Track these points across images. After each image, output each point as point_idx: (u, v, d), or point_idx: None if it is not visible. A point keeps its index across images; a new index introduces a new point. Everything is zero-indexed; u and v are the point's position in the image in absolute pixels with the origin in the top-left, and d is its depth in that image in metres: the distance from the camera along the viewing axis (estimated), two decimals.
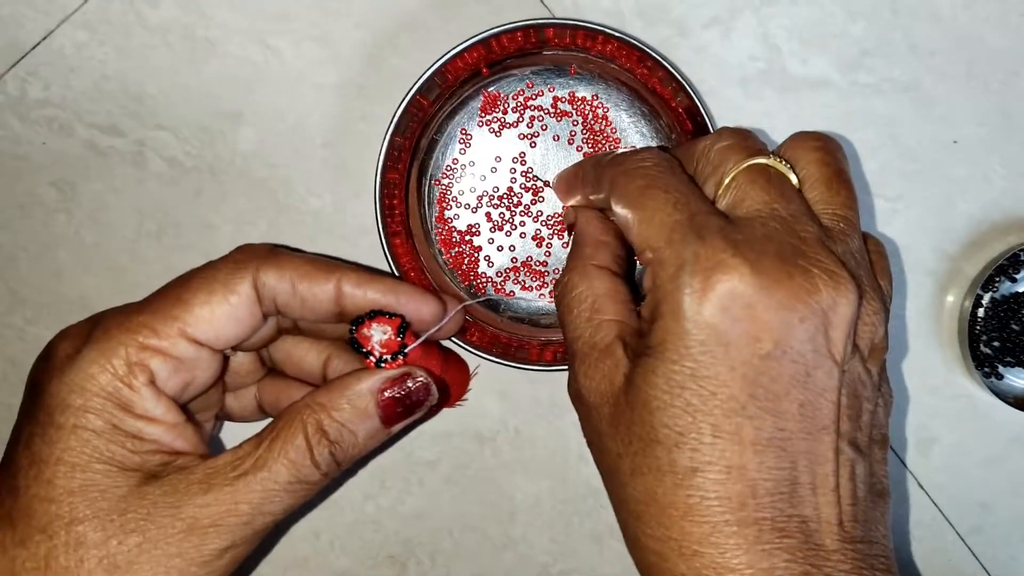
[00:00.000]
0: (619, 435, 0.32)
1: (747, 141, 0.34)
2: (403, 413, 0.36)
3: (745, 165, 0.33)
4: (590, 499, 0.48)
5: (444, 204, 0.45)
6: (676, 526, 0.30)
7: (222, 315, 0.34)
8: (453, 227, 0.45)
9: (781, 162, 0.33)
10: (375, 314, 0.36)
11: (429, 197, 0.45)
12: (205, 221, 0.46)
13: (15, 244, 0.47)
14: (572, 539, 0.48)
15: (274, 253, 0.36)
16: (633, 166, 0.34)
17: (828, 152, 0.34)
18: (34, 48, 0.45)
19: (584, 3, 0.46)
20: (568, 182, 0.41)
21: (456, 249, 0.45)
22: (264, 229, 0.47)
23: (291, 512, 0.34)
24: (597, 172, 0.37)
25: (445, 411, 0.47)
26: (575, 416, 0.48)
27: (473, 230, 0.45)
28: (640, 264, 0.33)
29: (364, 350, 0.36)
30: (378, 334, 0.36)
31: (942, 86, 0.46)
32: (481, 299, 0.45)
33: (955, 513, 0.49)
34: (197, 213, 0.46)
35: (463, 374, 0.45)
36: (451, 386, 0.44)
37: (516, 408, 0.48)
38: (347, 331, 0.36)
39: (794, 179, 0.33)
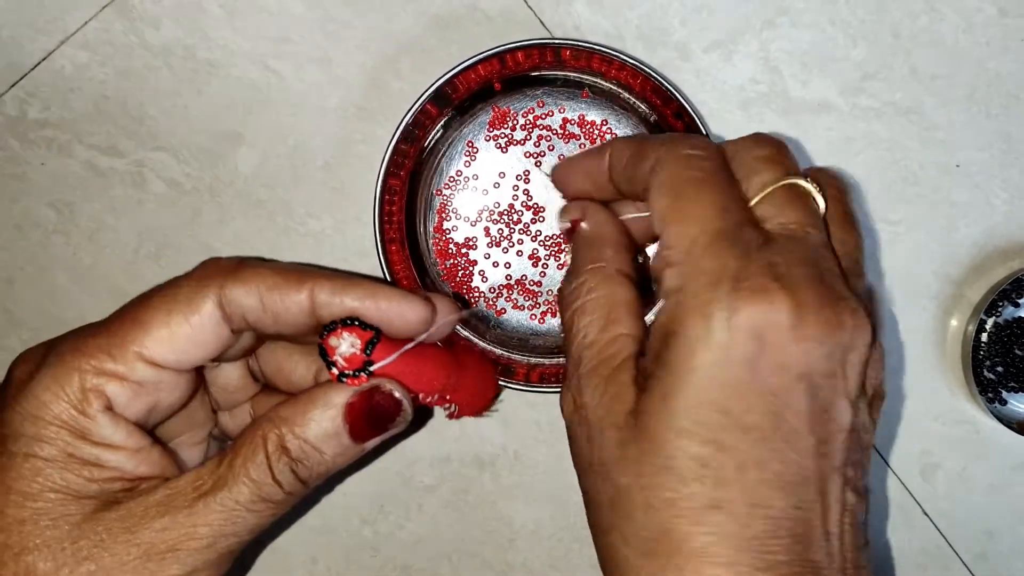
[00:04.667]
0: (628, 463, 0.29)
1: (785, 156, 0.33)
2: (373, 429, 0.33)
3: (786, 182, 0.32)
4: None
5: (444, 215, 0.45)
6: (690, 565, 0.28)
7: (183, 336, 0.32)
8: (450, 239, 0.45)
9: (816, 188, 0.32)
10: (350, 321, 0.33)
11: (429, 206, 0.45)
12: (204, 243, 0.46)
13: (12, 265, 0.46)
14: (572, 566, 0.48)
15: (240, 266, 0.33)
16: (687, 152, 0.32)
17: (844, 192, 0.34)
18: (34, 68, 0.45)
19: (585, 26, 0.46)
20: (579, 166, 0.37)
21: (451, 261, 0.45)
22: (263, 251, 0.46)
23: (261, 531, 0.33)
24: (639, 150, 0.33)
25: (442, 436, 0.47)
26: None
27: (470, 243, 0.45)
28: (658, 262, 0.31)
29: (329, 360, 0.32)
30: (345, 345, 0.32)
31: (943, 110, 0.46)
32: (473, 310, 0.44)
33: (959, 540, 0.48)
34: (196, 235, 0.46)
35: (485, 379, 0.41)
36: (470, 392, 0.39)
37: (516, 432, 0.47)
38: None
39: (822, 208, 0.32)
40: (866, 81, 0.46)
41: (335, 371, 0.32)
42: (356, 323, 0.33)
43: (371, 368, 0.33)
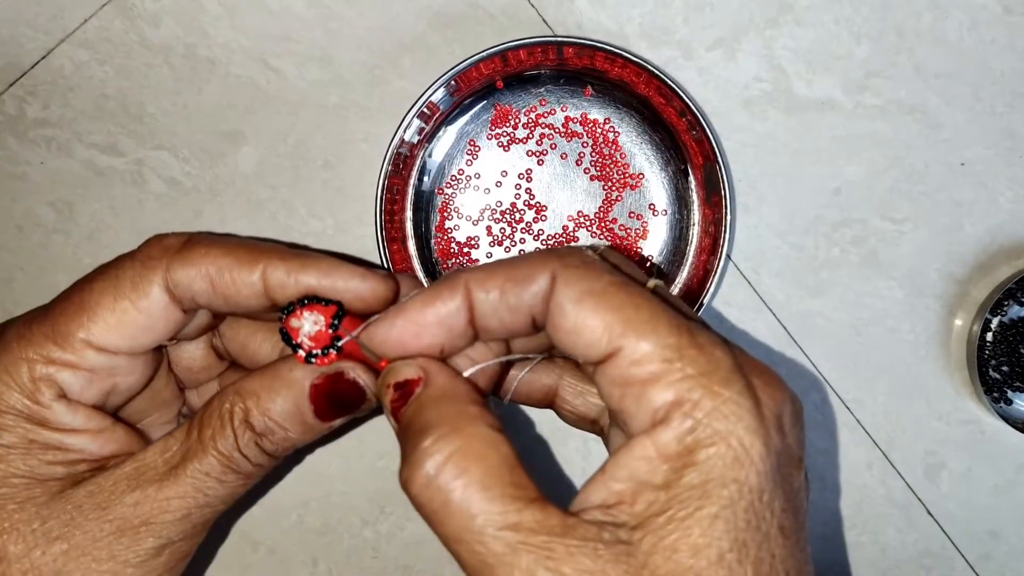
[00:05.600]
0: None
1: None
2: (337, 410, 0.32)
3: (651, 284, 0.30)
4: None
5: (446, 214, 0.45)
6: None
7: (131, 322, 0.31)
8: (452, 238, 0.45)
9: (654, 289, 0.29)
10: (309, 300, 0.31)
11: (431, 205, 0.45)
12: None
13: (12, 265, 0.46)
14: None
15: (187, 247, 0.32)
16: (584, 258, 0.28)
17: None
18: (33, 67, 0.45)
19: (588, 24, 0.45)
20: (422, 318, 0.29)
21: (453, 260, 0.45)
22: None
23: (235, 499, 0.32)
24: (517, 274, 0.28)
25: None
26: (577, 440, 0.47)
27: (472, 243, 0.45)
28: (620, 383, 0.26)
29: (293, 343, 0.31)
30: (308, 324, 0.31)
31: (948, 108, 0.46)
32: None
33: (964, 541, 0.48)
34: None
35: None
36: None
37: (516, 432, 0.47)
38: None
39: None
40: (870, 79, 0.46)
41: (301, 353, 0.31)
42: (315, 300, 0.31)
43: (339, 343, 0.31)
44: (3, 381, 0.31)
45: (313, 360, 0.31)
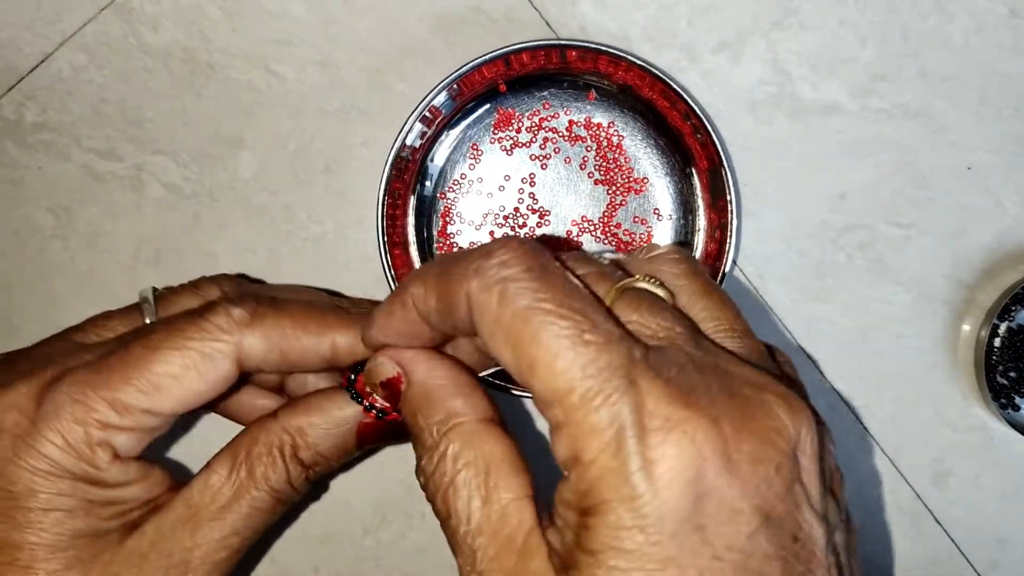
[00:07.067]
0: None
1: (600, 266, 0.29)
2: (380, 440, 0.34)
3: (620, 285, 0.27)
4: None
5: (448, 219, 0.44)
6: None
7: (195, 392, 0.32)
8: (455, 243, 0.44)
9: (649, 279, 0.28)
10: None
11: (433, 210, 0.44)
12: (204, 248, 0.45)
13: (10, 271, 0.46)
14: None
15: (257, 316, 0.32)
16: (495, 278, 0.25)
17: (692, 263, 0.30)
18: (31, 71, 0.45)
19: (591, 27, 0.45)
20: (390, 322, 0.29)
21: None
22: (264, 256, 0.46)
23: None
24: (445, 292, 0.26)
25: None
26: None
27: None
28: (548, 422, 0.25)
29: (366, 403, 0.33)
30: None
31: (954, 112, 0.46)
32: None
33: (972, 548, 0.47)
34: (196, 240, 0.45)
35: None
36: None
37: (519, 439, 0.46)
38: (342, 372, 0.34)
39: (670, 298, 0.28)
40: (876, 83, 0.46)
41: (373, 411, 0.33)
42: None
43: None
44: (59, 447, 0.31)
45: (383, 416, 0.33)
